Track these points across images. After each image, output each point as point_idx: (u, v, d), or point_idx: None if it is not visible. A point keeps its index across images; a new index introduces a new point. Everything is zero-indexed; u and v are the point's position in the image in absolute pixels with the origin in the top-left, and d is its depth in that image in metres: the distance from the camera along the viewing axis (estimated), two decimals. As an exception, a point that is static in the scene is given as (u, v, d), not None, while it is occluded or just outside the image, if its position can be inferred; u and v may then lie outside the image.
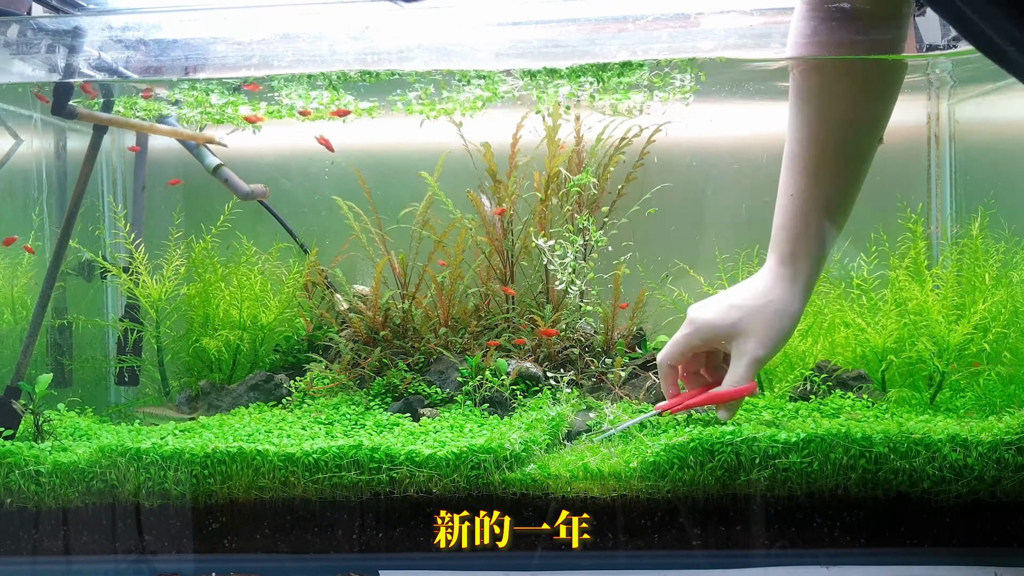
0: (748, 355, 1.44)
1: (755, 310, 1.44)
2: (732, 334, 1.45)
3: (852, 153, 1.42)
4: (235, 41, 1.54)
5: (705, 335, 1.48)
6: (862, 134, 1.42)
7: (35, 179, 2.03)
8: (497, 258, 2.03)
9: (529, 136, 2.00)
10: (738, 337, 1.45)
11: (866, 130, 1.42)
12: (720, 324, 1.46)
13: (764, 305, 1.44)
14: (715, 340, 1.47)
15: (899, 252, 1.79)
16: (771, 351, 1.45)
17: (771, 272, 1.46)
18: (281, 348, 2.10)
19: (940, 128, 2.05)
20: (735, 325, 1.45)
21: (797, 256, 1.43)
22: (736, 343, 1.45)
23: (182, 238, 2.01)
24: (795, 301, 1.44)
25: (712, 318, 1.47)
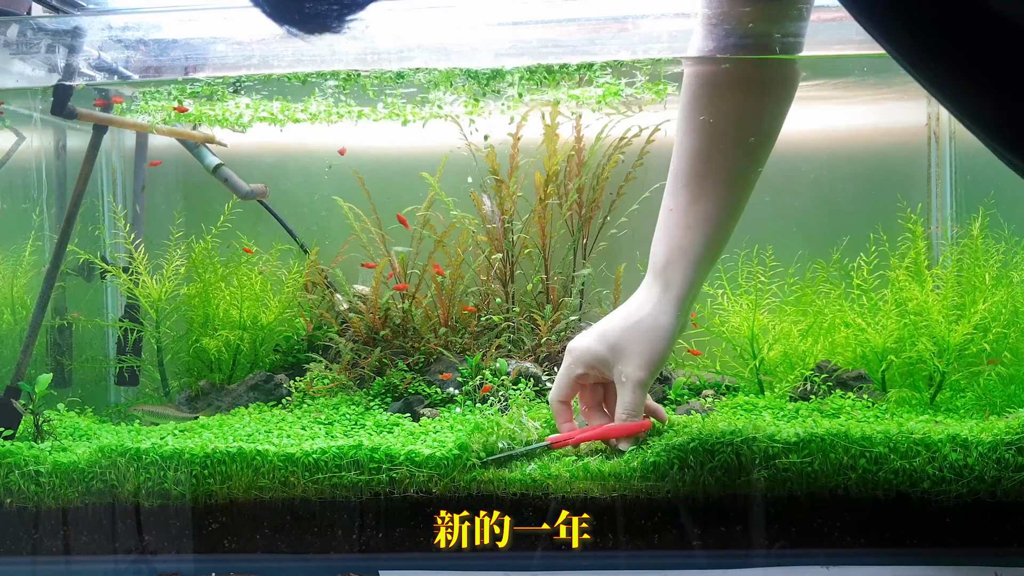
0: (630, 379, 1.42)
1: (627, 330, 1.43)
2: (611, 359, 1.43)
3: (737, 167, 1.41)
4: (235, 41, 1.54)
5: (585, 363, 1.46)
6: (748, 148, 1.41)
7: (35, 179, 2.03)
8: (498, 258, 2.03)
9: (530, 135, 2.00)
10: (617, 363, 1.43)
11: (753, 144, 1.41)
12: (597, 350, 1.44)
13: (635, 324, 1.42)
14: (596, 367, 1.45)
15: (899, 252, 1.79)
16: (651, 370, 1.42)
17: (645, 289, 1.45)
18: (281, 348, 2.10)
19: (940, 128, 2.05)
20: (611, 349, 1.43)
21: (669, 269, 1.42)
22: (616, 369, 1.43)
23: (182, 238, 2.01)
24: (665, 315, 1.41)
25: (589, 345, 1.45)
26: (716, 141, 1.40)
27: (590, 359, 1.45)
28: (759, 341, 1.81)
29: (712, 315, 1.85)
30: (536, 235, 2.02)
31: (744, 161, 1.42)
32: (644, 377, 1.42)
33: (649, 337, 1.42)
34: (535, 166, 2.02)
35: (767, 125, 1.42)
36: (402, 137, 1.97)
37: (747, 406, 1.71)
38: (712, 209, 1.41)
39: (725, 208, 1.42)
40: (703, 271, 1.44)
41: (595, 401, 1.52)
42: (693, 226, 1.41)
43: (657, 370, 1.44)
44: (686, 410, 1.71)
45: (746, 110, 1.41)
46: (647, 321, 1.42)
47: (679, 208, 1.42)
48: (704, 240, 1.42)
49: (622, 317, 1.45)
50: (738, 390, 1.84)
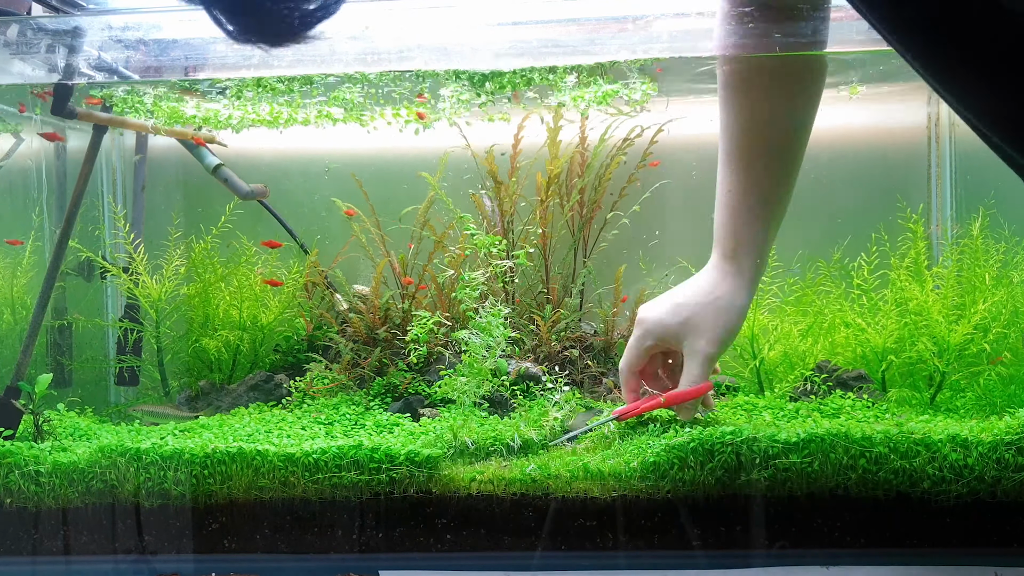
0: (700, 353, 1.44)
1: (703, 307, 1.45)
2: (682, 333, 1.45)
3: (781, 147, 1.43)
4: (235, 41, 1.54)
5: (657, 335, 1.48)
6: (788, 128, 1.43)
7: (35, 179, 2.03)
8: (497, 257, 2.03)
9: (531, 137, 2.00)
10: (689, 335, 1.45)
11: (792, 125, 1.43)
12: (670, 323, 1.46)
13: (712, 301, 1.45)
14: (666, 339, 1.47)
15: (899, 252, 1.79)
16: (722, 347, 1.45)
17: (716, 268, 1.47)
18: (281, 348, 2.10)
19: (940, 129, 2.05)
20: (685, 323, 1.45)
21: (739, 251, 1.44)
22: (687, 342, 1.45)
23: (182, 238, 2.01)
24: (741, 295, 1.45)
25: (661, 317, 1.47)
26: (757, 122, 1.42)
27: (662, 332, 1.47)
28: (759, 341, 1.81)
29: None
30: (537, 235, 2.02)
31: (786, 140, 1.44)
32: (715, 352, 1.45)
33: (725, 315, 1.44)
34: (537, 166, 2.02)
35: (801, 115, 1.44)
36: (401, 137, 1.97)
37: (747, 406, 1.71)
38: (769, 189, 1.44)
39: (782, 188, 1.45)
40: (767, 249, 1.47)
41: (654, 369, 1.54)
42: (755, 208, 1.44)
43: (727, 346, 1.47)
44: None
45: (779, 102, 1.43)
46: (724, 299, 1.44)
47: (736, 192, 1.44)
48: (768, 222, 1.45)
49: (697, 292, 1.47)
50: (738, 390, 1.84)
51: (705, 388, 1.46)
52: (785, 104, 1.43)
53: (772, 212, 1.45)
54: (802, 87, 1.45)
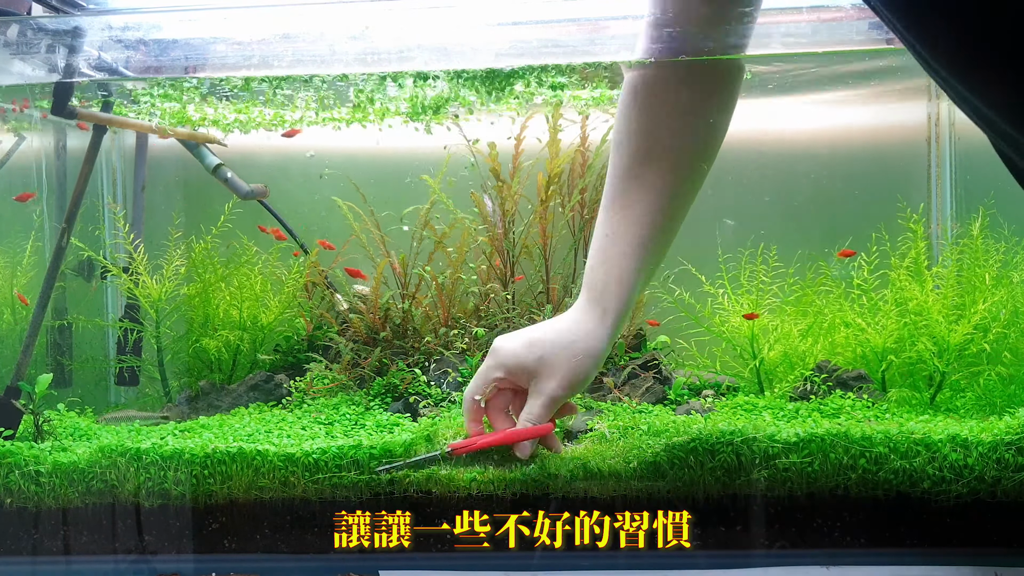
0: (545, 394, 1.39)
1: (559, 347, 1.40)
2: (533, 371, 1.40)
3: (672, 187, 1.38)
4: (235, 41, 1.54)
5: (507, 367, 1.42)
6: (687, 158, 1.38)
7: (35, 179, 2.03)
8: (498, 258, 2.03)
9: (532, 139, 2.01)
10: (539, 374, 1.40)
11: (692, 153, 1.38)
12: (523, 357, 1.41)
13: (569, 344, 1.40)
14: (516, 374, 1.42)
15: (899, 252, 1.79)
16: (569, 391, 1.40)
17: (580, 311, 1.42)
18: (281, 348, 2.10)
19: (940, 128, 2.05)
20: (538, 361, 1.40)
21: (606, 296, 1.40)
22: (536, 380, 1.40)
23: (182, 238, 2.01)
24: (599, 341, 1.40)
25: (516, 350, 1.42)
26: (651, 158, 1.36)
27: (514, 365, 1.41)
28: (759, 341, 1.81)
29: (712, 315, 1.85)
30: (537, 235, 2.02)
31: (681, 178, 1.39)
32: (562, 396, 1.40)
33: (580, 360, 1.39)
34: (538, 167, 2.02)
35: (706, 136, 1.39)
36: (402, 137, 1.97)
37: (747, 406, 1.71)
38: (647, 233, 1.38)
39: (660, 231, 1.40)
40: (637, 295, 1.43)
41: (503, 405, 1.47)
42: (629, 253, 1.39)
43: (575, 392, 1.42)
44: (686, 410, 1.71)
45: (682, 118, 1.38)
46: (580, 344, 1.39)
47: (612, 234, 1.39)
48: (640, 266, 1.40)
49: (555, 332, 1.42)
50: (738, 390, 1.84)
51: (547, 429, 1.41)
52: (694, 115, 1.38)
53: (648, 260, 1.40)
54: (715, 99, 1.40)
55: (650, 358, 1.89)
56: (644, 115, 1.38)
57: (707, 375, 1.90)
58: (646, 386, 1.84)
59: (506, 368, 1.42)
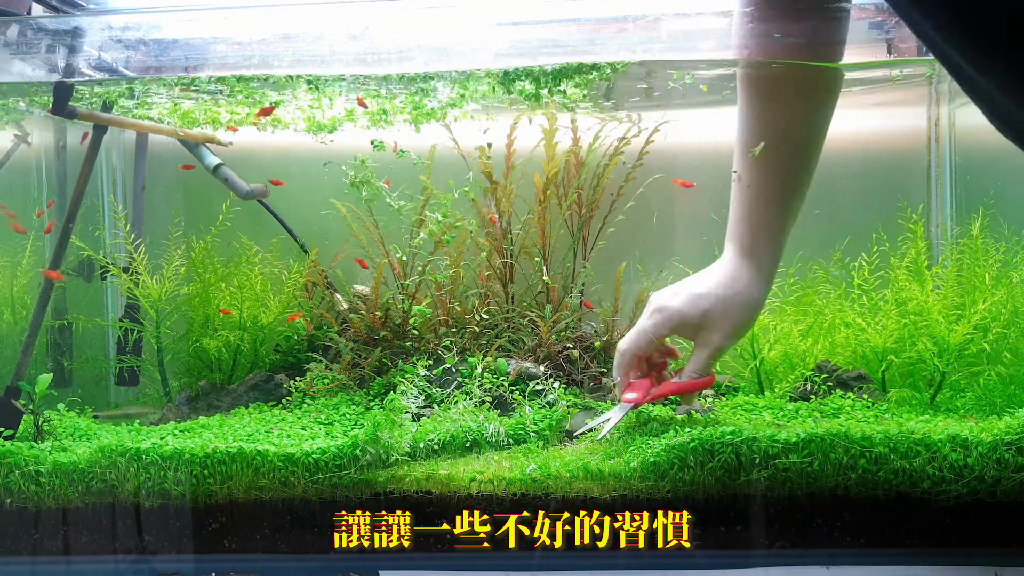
0: (712, 345, 1.46)
1: (722, 300, 1.46)
2: (700, 324, 1.46)
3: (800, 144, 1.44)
4: (235, 41, 1.54)
5: (675, 324, 1.48)
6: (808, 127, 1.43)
7: (35, 179, 2.03)
8: (497, 258, 2.03)
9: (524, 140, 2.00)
10: (705, 327, 1.46)
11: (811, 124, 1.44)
12: (690, 313, 1.47)
13: (732, 296, 1.45)
14: (683, 330, 1.49)
15: (899, 252, 1.79)
16: (734, 340, 1.48)
17: (733, 263, 1.47)
18: (281, 348, 2.10)
19: (940, 130, 2.05)
20: (704, 315, 1.46)
21: (758, 246, 1.45)
22: (702, 333, 1.47)
23: (182, 238, 2.01)
24: (760, 290, 1.46)
25: (681, 307, 1.47)
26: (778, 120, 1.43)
27: (679, 321, 1.47)
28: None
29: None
30: (536, 235, 2.02)
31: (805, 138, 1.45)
32: (726, 346, 1.47)
33: (742, 310, 1.45)
34: (533, 167, 2.01)
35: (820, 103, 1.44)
36: (402, 137, 1.97)
37: (747, 406, 1.71)
38: (790, 184, 1.44)
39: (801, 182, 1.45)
40: (783, 244, 1.48)
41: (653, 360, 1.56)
42: (774, 202, 1.44)
43: (738, 341, 1.50)
44: (686, 410, 1.71)
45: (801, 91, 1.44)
46: (743, 295, 1.45)
47: (754, 184, 1.44)
48: (785, 216, 1.46)
49: (716, 286, 1.47)
50: (738, 390, 1.84)
51: (711, 381, 1.48)
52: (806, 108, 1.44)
53: (790, 205, 1.45)
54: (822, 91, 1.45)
55: (650, 358, 1.89)
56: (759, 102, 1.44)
57: (707, 375, 1.89)
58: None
59: (671, 325, 1.48)
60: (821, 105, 1.44)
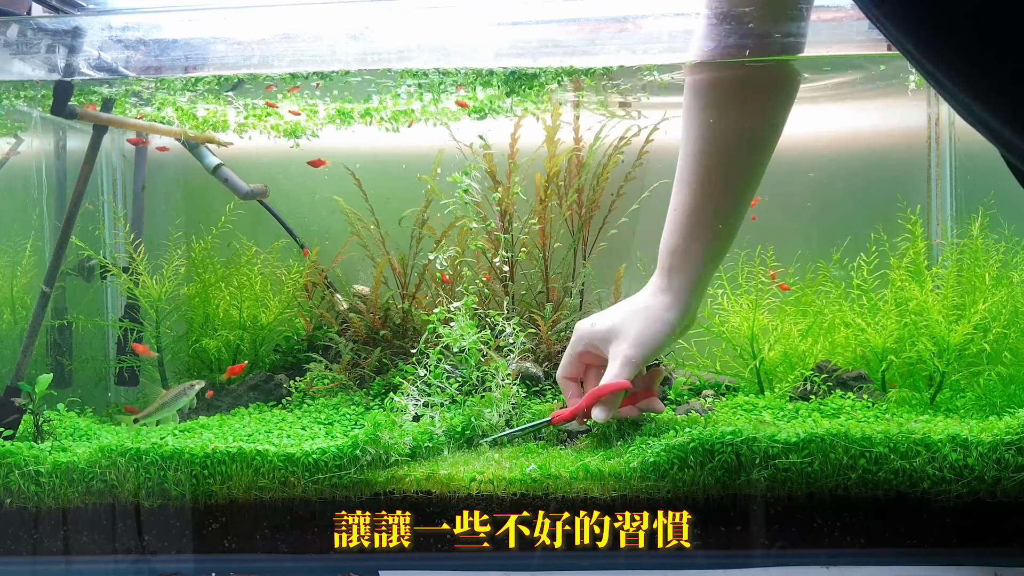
0: (620, 355, 1.48)
1: (629, 314, 1.50)
2: (608, 337, 1.50)
3: (743, 163, 1.44)
4: (235, 41, 1.54)
5: (586, 340, 1.53)
6: (754, 140, 1.43)
7: (35, 179, 2.03)
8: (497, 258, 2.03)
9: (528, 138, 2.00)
10: (613, 340, 1.50)
11: (754, 144, 1.44)
12: (598, 328, 1.52)
13: (639, 309, 1.50)
14: (594, 343, 1.52)
15: (899, 252, 1.79)
16: (643, 352, 1.48)
17: (651, 284, 1.52)
18: (281, 348, 2.10)
19: (940, 129, 2.05)
20: (611, 328, 1.50)
21: (673, 269, 1.49)
22: (612, 346, 1.49)
23: (182, 238, 2.01)
24: (669, 310, 1.48)
25: (592, 323, 1.53)
26: (719, 143, 1.43)
27: (590, 337, 1.52)
28: (759, 341, 1.81)
29: (712, 315, 1.84)
30: (536, 235, 2.02)
31: (747, 164, 1.45)
32: (634, 355, 1.47)
33: (650, 324, 1.48)
34: (535, 166, 2.02)
35: (769, 128, 1.45)
36: (401, 137, 1.97)
37: (747, 406, 1.71)
38: (714, 213, 1.45)
39: (728, 211, 1.46)
40: (706, 270, 1.49)
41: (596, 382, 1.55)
42: (696, 228, 1.46)
43: (650, 354, 1.49)
44: (686, 410, 1.71)
45: (749, 112, 1.44)
46: (651, 311, 1.49)
47: (680, 208, 1.47)
48: (707, 243, 1.47)
49: (628, 303, 1.53)
50: (738, 390, 1.84)
51: (622, 385, 1.47)
52: (755, 113, 1.44)
53: (715, 234, 1.46)
54: (774, 97, 1.45)
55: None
56: (703, 108, 1.44)
57: (707, 375, 1.90)
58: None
59: (584, 341, 1.53)
60: (774, 113, 1.44)
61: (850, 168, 2.06)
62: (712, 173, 1.43)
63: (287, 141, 2.04)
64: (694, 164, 1.44)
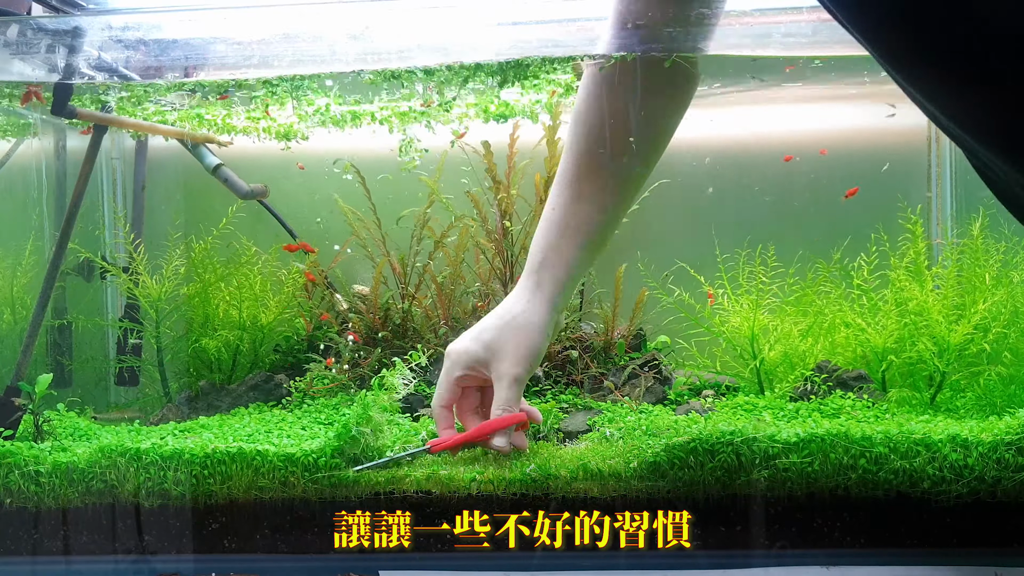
0: (505, 376, 1.40)
1: (501, 329, 1.42)
2: (486, 358, 1.42)
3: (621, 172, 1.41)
4: (235, 41, 1.54)
5: (463, 364, 1.43)
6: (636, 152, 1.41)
7: (35, 179, 2.03)
8: (497, 258, 2.03)
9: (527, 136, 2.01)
10: (493, 360, 1.41)
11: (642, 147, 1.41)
12: (473, 350, 1.43)
13: (508, 322, 1.42)
14: (474, 367, 1.43)
15: (899, 252, 1.79)
16: (527, 367, 1.41)
17: (518, 287, 1.45)
18: (281, 348, 2.10)
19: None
20: (487, 348, 1.42)
21: (543, 267, 1.43)
22: (493, 367, 1.42)
23: (182, 238, 2.01)
24: (538, 313, 1.42)
25: (466, 345, 1.44)
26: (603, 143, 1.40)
27: (467, 360, 1.43)
28: (759, 341, 1.81)
29: (712, 315, 1.85)
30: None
31: (630, 166, 1.42)
32: (519, 373, 1.41)
33: (524, 334, 1.41)
34: (535, 167, 2.02)
35: (659, 129, 1.42)
36: (397, 137, 1.97)
37: (747, 406, 1.71)
38: (591, 212, 1.42)
39: (604, 212, 1.43)
40: (576, 272, 1.45)
41: (472, 406, 1.49)
42: (571, 227, 1.42)
43: (532, 366, 1.43)
44: (686, 410, 1.71)
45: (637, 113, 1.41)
46: (520, 319, 1.42)
47: (559, 208, 1.43)
48: (580, 242, 1.43)
49: (496, 316, 1.45)
50: (738, 390, 1.84)
51: (517, 418, 1.41)
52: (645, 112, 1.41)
53: (588, 237, 1.42)
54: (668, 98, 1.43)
55: (650, 358, 1.89)
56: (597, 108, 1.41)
57: (707, 375, 1.90)
58: (646, 386, 1.84)
59: (461, 365, 1.43)
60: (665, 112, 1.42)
61: (850, 168, 2.06)
62: (593, 173, 1.41)
63: (280, 144, 2.03)
64: (576, 164, 1.42)
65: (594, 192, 1.41)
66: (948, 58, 0.90)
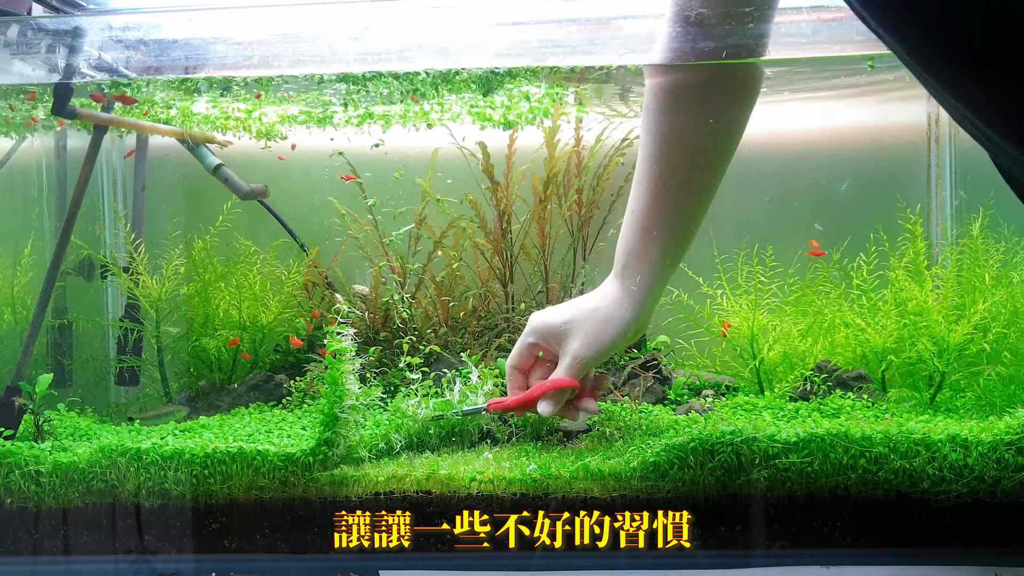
0: (571, 354, 1.47)
1: (585, 313, 1.49)
2: (561, 334, 1.49)
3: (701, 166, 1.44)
4: (235, 41, 1.54)
5: (539, 333, 1.51)
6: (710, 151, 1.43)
7: (35, 179, 2.03)
8: (496, 259, 2.03)
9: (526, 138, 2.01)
10: (566, 338, 1.48)
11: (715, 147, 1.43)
12: (551, 323, 1.50)
13: (593, 310, 1.49)
14: (546, 338, 1.51)
15: (899, 252, 1.79)
16: (594, 354, 1.47)
17: (608, 282, 1.51)
18: (281, 348, 2.10)
19: (940, 128, 2.05)
20: (564, 325, 1.49)
21: (628, 270, 1.48)
22: (564, 344, 1.49)
23: (181, 238, 2.01)
24: (622, 311, 1.47)
25: (544, 318, 1.52)
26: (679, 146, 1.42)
27: (543, 330, 1.51)
28: (759, 341, 1.81)
29: (712, 315, 1.85)
30: (535, 235, 2.02)
31: (706, 167, 1.44)
32: (585, 356, 1.47)
33: (603, 324, 1.47)
34: (534, 168, 2.02)
35: (730, 129, 1.44)
36: (402, 137, 1.97)
37: (747, 406, 1.71)
38: (672, 215, 1.45)
39: (685, 214, 1.46)
40: (663, 275, 1.49)
41: (543, 375, 1.55)
42: (652, 230, 1.45)
43: (601, 356, 1.49)
44: (686, 410, 1.71)
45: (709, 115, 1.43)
46: (604, 310, 1.48)
47: (639, 211, 1.46)
48: (663, 246, 1.46)
49: (582, 300, 1.52)
50: (738, 390, 1.84)
51: (569, 383, 1.47)
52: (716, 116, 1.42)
53: (671, 237, 1.46)
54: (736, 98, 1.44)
55: (650, 358, 1.89)
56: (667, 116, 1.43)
57: (707, 375, 1.90)
58: (646, 386, 1.84)
59: (537, 333, 1.52)
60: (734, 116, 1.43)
61: (850, 168, 2.06)
62: (671, 175, 1.43)
63: (270, 143, 2.04)
64: (653, 165, 1.44)
65: (671, 193, 1.44)
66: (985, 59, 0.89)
